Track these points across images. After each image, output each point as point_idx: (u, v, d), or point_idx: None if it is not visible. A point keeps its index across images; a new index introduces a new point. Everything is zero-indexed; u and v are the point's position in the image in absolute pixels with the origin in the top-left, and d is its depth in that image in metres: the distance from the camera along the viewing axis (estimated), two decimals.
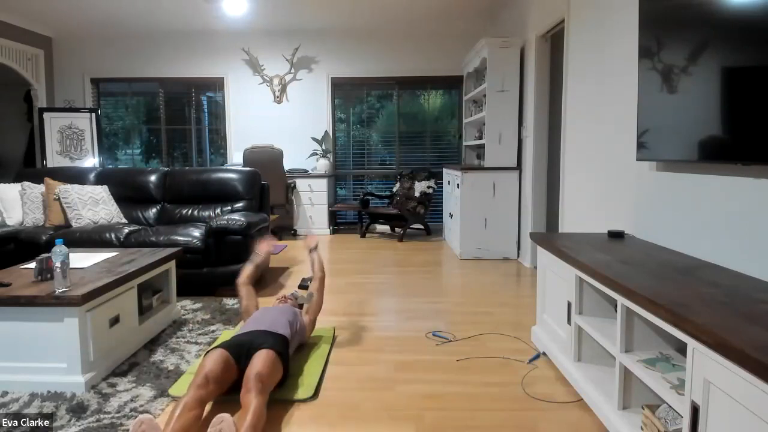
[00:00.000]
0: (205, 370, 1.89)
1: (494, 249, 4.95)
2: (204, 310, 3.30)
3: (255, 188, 4.36)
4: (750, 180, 1.83)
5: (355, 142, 7.07)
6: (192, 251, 3.53)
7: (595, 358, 2.14)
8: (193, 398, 1.79)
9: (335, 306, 3.41)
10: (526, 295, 3.70)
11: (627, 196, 2.76)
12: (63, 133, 6.41)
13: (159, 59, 6.76)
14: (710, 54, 1.95)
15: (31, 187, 4.14)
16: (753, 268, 1.77)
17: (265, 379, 1.91)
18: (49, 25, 6.34)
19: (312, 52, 6.72)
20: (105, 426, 1.89)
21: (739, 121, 1.82)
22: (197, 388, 1.82)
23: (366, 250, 5.55)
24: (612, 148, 2.97)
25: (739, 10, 1.80)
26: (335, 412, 2.03)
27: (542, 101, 4.47)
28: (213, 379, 1.88)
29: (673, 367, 1.64)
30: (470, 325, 3.04)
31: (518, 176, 4.89)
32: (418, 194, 6.05)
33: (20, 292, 2.18)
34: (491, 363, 2.50)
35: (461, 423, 1.95)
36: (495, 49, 4.79)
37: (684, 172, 2.24)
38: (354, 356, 2.60)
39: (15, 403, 2.05)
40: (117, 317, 2.44)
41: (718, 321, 1.30)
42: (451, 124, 6.98)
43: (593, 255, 2.13)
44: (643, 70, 2.41)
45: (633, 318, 1.76)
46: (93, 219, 3.97)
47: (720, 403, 1.23)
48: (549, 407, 2.07)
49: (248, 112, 6.82)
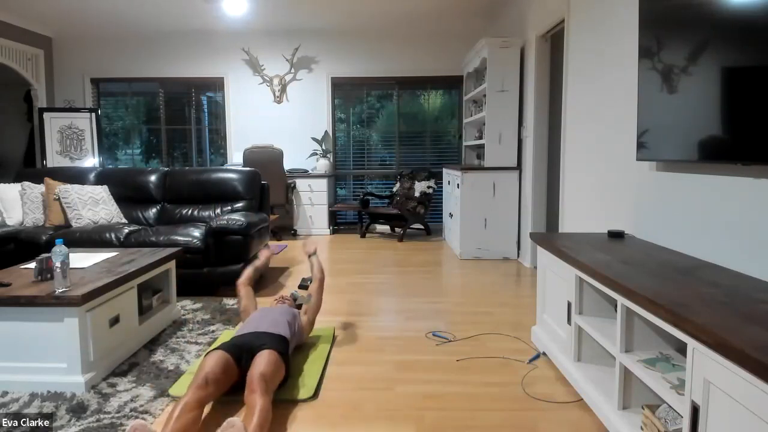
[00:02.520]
0: (205, 371, 1.89)
1: (494, 249, 4.95)
2: (204, 310, 3.30)
3: (255, 188, 4.36)
4: (750, 180, 1.83)
5: (355, 142, 7.06)
6: (192, 251, 3.53)
7: (595, 358, 2.14)
8: (192, 399, 1.78)
9: (335, 306, 3.41)
10: (526, 295, 3.70)
11: (627, 196, 2.76)
12: (63, 133, 6.41)
13: (159, 59, 6.76)
14: (710, 54, 1.95)
15: (31, 187, 4.14)
16: (753, 268, 1.77)
17: (269, 379, 1.91)
18: (49, 25, 6.34)
19: (312, 52, 6.72)
20: (105, 426, 1.89)
21: (739, 121, 1.82)
22: (197, 389, 1.82)
23: (366, 250, 5.55)
24: (612, 148, 2.97)
25: (739, 10, 1.80)
26: (335, 412, 2.03)
27: (542, 101, 4.47)
28: (213, 381, 1.88)
29: (673, 367, 1.64)
30: (470, 325, 3.04)
31: (518, 176, 4.89)
32: (418, 194, 6.05)
33: (20, 292, 2.17)
34: (491, 363, 2.50)
35: (461, 423, 1.95)
36: (495, 49, 4.79)
37: (684, 172, 2.24)
38: (354, 356, 2.60)
39: (15, 403, 2.05)
40: (117, 317, 2.44)
41: (718, 321, 1.30)
42: (451, 124, 6.98)
43: (593, 255, 2.13)
44: (643, 70, 2.41)
45: (633, 318, 1.76)
46: (93, 219, 3.97)
47: (720, 403, 1.23)
48: (549, 407, 2.07)
49: (248, 112, 6.82)
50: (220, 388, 1.94)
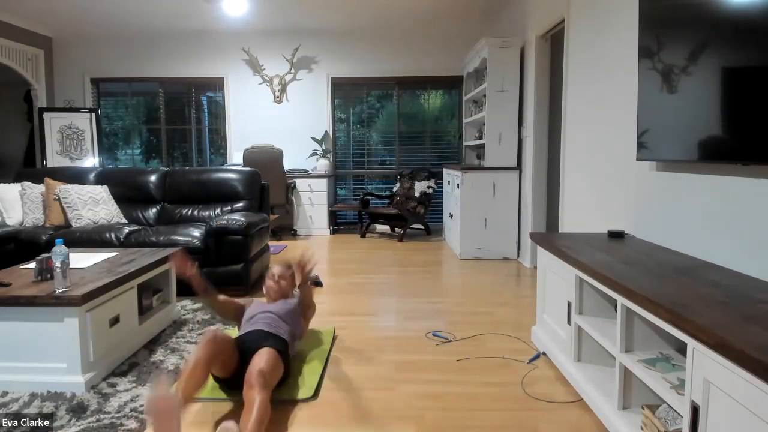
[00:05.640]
0: (211, 331, 1.96)
1: (494, 249, 4.95)
2: (204, 310, 3.30)
3: (255, 188, 4.36)
4: (750, 180, 1.83)
5: (355, 142, 7.06)
6: (192, 251, 3.52)
7: (595, 358, 2.14)
8: (204, 353, 1.86)
9: (335, 306, 3.41)
10: (526, 295, 3.70)
11: (627, 196, 2.76)
12: (63, 133, 6.41)
13: (159, 59, 6.76)
14: (710, 54, 1.95)
15: (31, 187, 4.14)
16: (753, 268, 1.77)
17: (267, 375, 1.91)
18: (49, 25, 6.34)
19: (312, 52, 6.72)
20: (105, 426, 1.89)
21: (739, 121, 1.82)
22: (207, 343, 1.89)
23: (366, 250, 5.55)
24: (612, 148, 2.97)
25: (739, 10, 1.80)
26: (335, 412, 2.03)
27: (542, 101, 4.47)
28: (220, 337, 1.94)
29: (673, 367, 1.64)
30: (470, 325, 3.03)
31: (518, 176, 4.89)
32: (418, 194, 6.05)
33: (20, 292, 2.17)
34: (491, 363, 2.50)
35: (461, 423, 1.95)
36: (495, 49, 4.79)
37: (684, 172, 2.24)
38: (354, 356, 2.60)
39: (15, 403, 2.05)
40: (117, 317, 2.44)
41: (718, 321, 1.30)
42: (451, 124, 6.97)
43: (593, 255, 2.13)
44: (643, 70, 2.41)
45: (633, 318, 1.76)
46: (93, 219, 3.97)
47: (720, 403, 1.23)
48: (549, 407, 2.07)
49: (248, 112, 6.82)
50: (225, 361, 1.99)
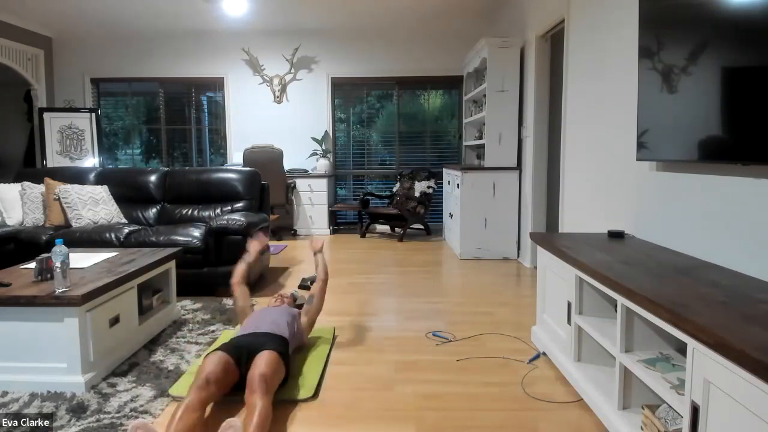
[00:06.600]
0: (206, 372, 1.89)
1: (494, 249, 4.95)
2: (204, 310, 3.30)
3: (255, 188, 4.36)
4: (750, 180, 1.83)
5: (355, 142, 7.06)
6: (192, 251, 3.53)
7: (595, 358, 2.14)
8: (194, 400, 1.79)
9: (335, 306, 3.41)
10: (526, 295, 3.70)
11: (627, 196, 2.76)
12: (63, 133, 6.41)
13: (159, 59, 6.76)
14: (710, 54, 1.95)
15: (31, 187, 4.14)
16: (753, 268, 1.77)
17: (269, 380, 1.91)
18: (49, 25, 6.34)
19: (312, 52, 6.72)
20: (105, 426, 1.89)
21: (739, 121, 1.82)
22: (198, 389, 1.82)
23: (366, 250, 5.55)
24: (612, 148, 2.97)
25: (739, 10, 1.80)
26: (335, 412, 2.03)
27: (542, 101, 4.47)
28: (214, 381, 1.88)
29: (673, 367, 1.64)
30: (470, 325, 3.04)
31: (518, 176, 4.89)
32: (418, 194, 6.05)
33: (20, 292, 2.17)
34: (491, 363, 2.50)
35: (461, 423, 1.95)
36: (495, 49, 4.79)
37: (684, 172, 2.24)
38: (354, 356, 2.60)
39: (15, 403, 2.05)
40: (117, 317, 2.44)
41: (718, 321, 1.30)
42: (451, 124, 6.97)
43: (593, 255, 2.13)
44: (643, 70, 2.41)
45: (633, 318, 1.76)
46: (93, 219, 3.97)
47: (720, 403, 1.23)
48: (549, 407, 2.07)
49: (248, 112, 6.82)
50: (221, 389, 1.94)
